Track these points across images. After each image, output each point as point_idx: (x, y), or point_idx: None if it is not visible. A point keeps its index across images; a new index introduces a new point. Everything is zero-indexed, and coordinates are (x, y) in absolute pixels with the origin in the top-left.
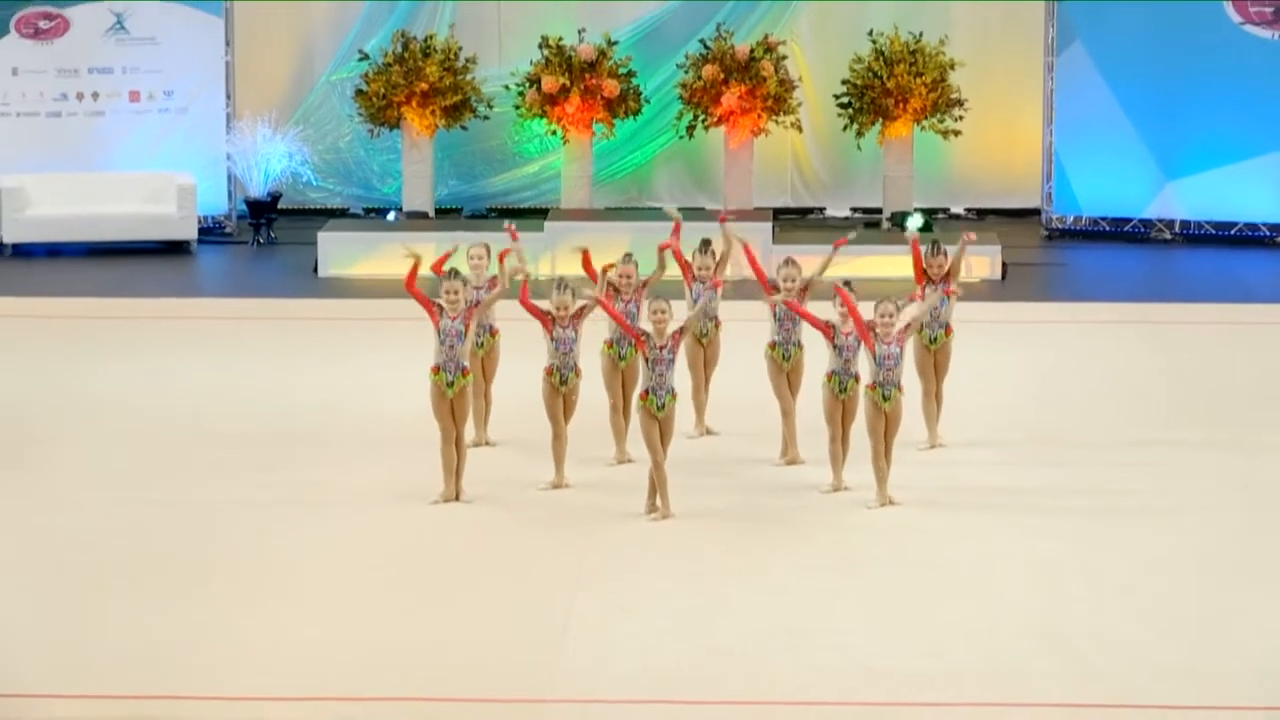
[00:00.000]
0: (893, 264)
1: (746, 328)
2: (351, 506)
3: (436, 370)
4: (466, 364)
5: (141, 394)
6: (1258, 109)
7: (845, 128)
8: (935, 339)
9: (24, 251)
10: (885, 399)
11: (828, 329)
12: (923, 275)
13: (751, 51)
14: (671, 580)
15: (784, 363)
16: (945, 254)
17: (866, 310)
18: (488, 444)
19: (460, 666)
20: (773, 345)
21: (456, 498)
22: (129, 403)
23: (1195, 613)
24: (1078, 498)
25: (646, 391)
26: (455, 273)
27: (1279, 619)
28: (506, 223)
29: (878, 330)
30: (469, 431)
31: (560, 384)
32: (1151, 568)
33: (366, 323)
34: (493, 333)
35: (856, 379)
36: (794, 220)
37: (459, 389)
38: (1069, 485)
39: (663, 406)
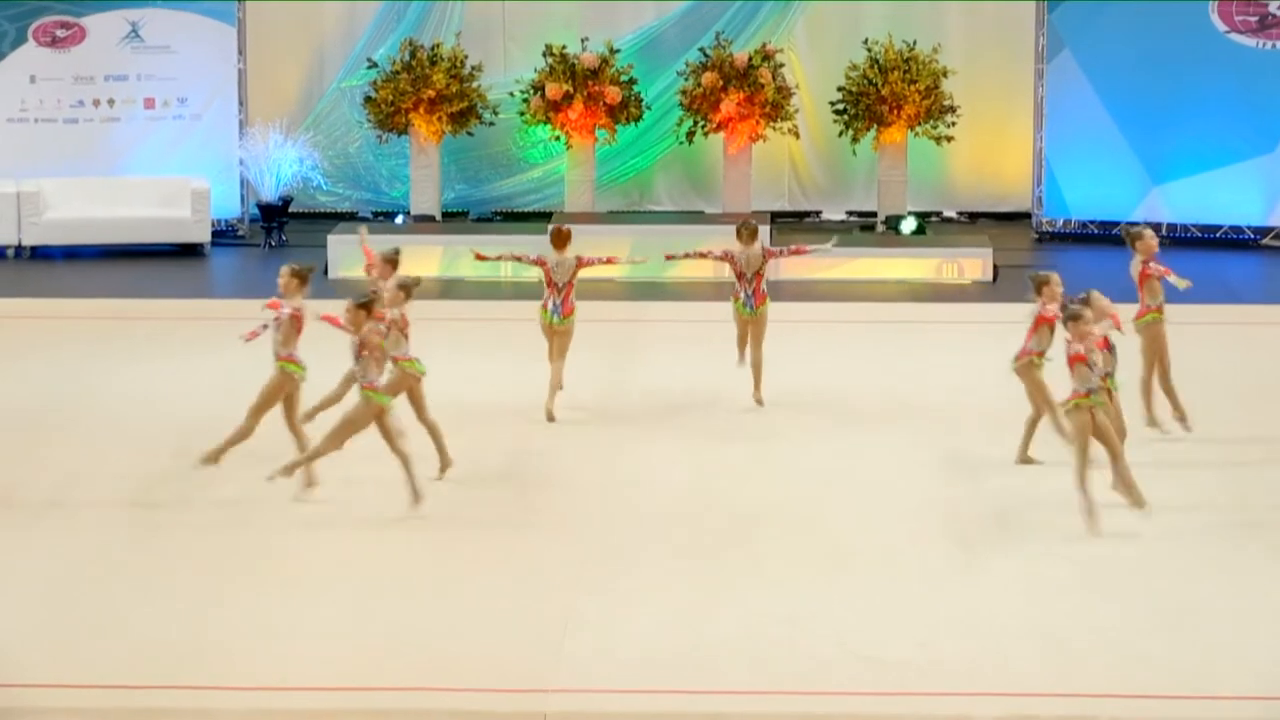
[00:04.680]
0: (887, 266)
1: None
2: (364, 501)
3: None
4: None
5: (157, 393)
6: (1242, 115)
7: (841, 133)
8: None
9: (42, 254)
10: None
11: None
12: None
13: (750, 59)
14: (670, 574)
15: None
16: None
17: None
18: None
19: (468, 657)
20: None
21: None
22: (145, 401)
23: (1174, 604)
24: (1062, 493)
25: None
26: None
27: (1254, 611)
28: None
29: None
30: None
31: None
32: (1132, 561)
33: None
34: (566, 311)
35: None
36: (791, 224)
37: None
38: (1053, 481)
39: None
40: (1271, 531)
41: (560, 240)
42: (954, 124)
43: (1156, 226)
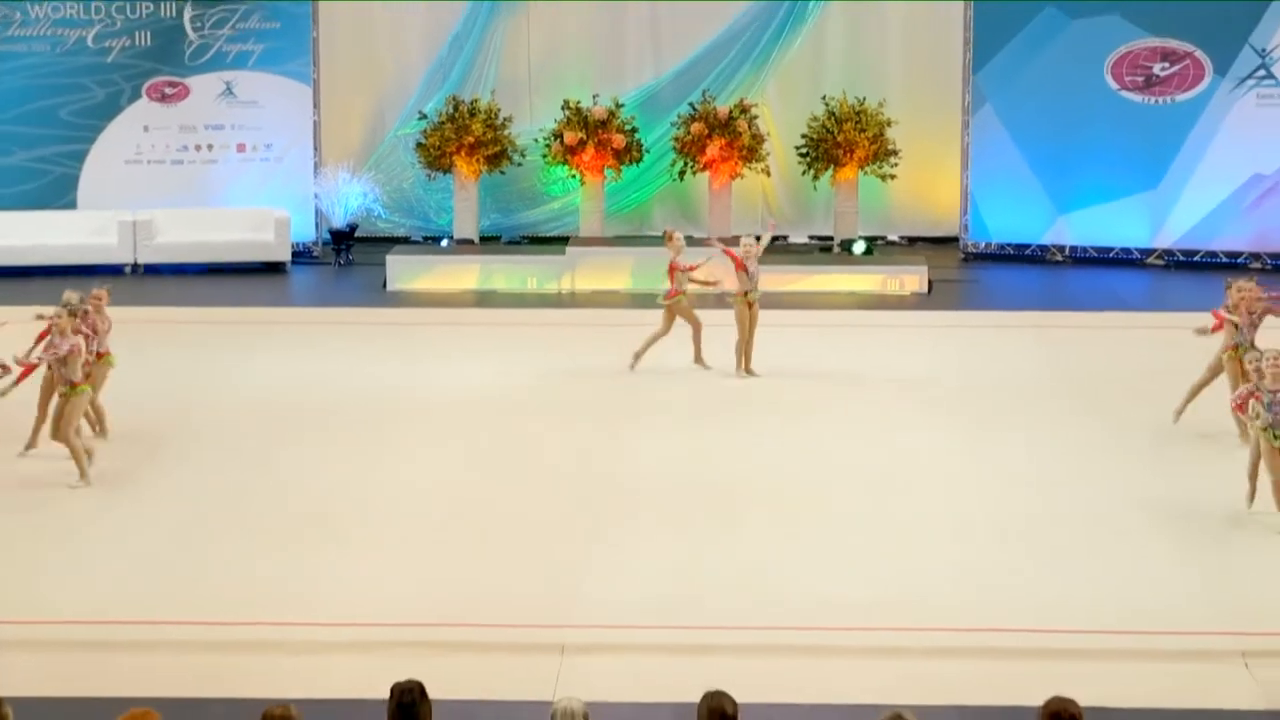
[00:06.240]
0: (841, 281)
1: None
2: (413, 469)
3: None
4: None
5: (248, 382)
6: (1130, 158)
7: (804, 172)
8: None
9: (153, 271)
10: (1276, 438)
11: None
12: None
13: (730, 112)
14: (666, 532)
15: None
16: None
17: None
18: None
19: (500, 599)
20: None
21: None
22: (239, 389)
23: (1072, 554)
24: (986, 464)
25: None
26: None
27: (1135, 560)
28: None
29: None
30: None
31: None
32: (1039, 521)
33: (425, 326)
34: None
35: None
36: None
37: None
38: (980, 454)
39: None
40: (1148, 501)
41: (667, 240)
42: (896, 165)
43: (1061, 248)
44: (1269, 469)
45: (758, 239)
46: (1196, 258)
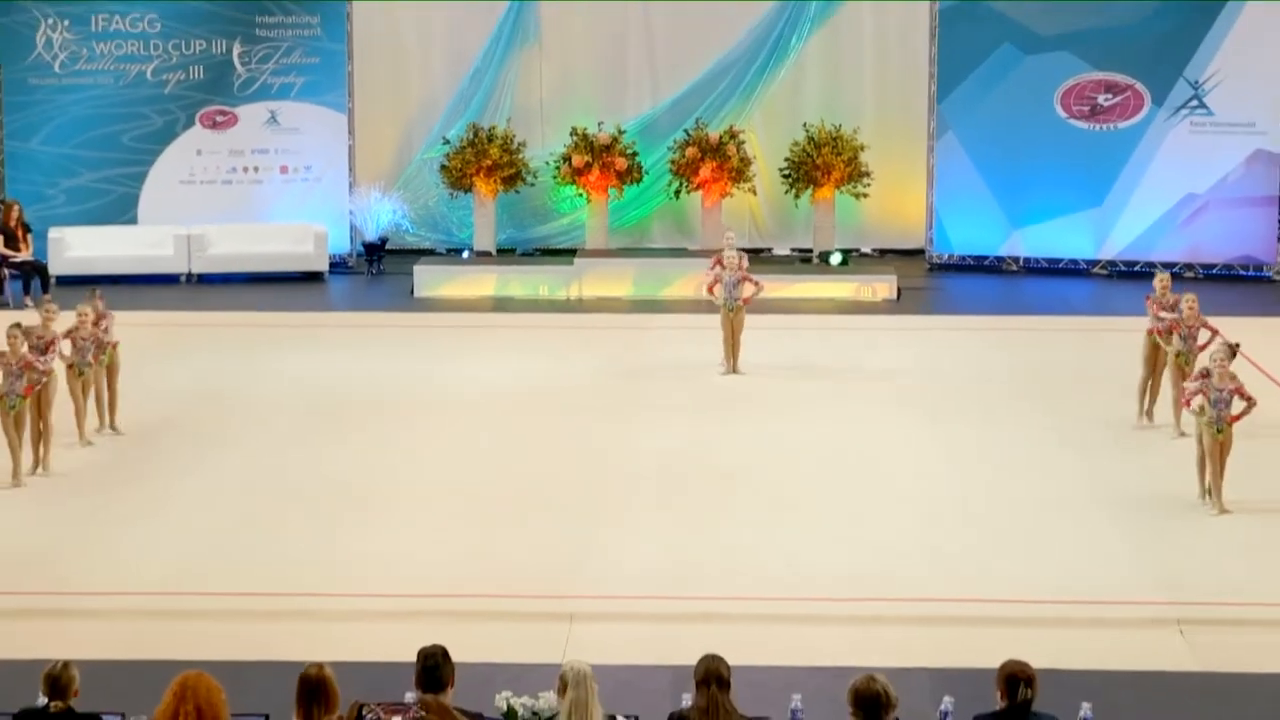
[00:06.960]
0: (820, 288)
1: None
2: (437, 457)
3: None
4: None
5: (290, 378)
6: (1078, 178)
7: (787, 191)
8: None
9: (205, 279)
10: (1219, 432)
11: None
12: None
13: (721, 138)
14: (662, 514)
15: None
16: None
17: None
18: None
19: (513, 572)
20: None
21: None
22: (282, 385)
23: (1027, 534)
24: (951, 453)
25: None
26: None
27: (1082, 538)
28: None
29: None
30: None
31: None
32: (999, 503)
33: (449, 329)
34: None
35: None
36: (750, 257)
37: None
38: (944, 443)
39: None
40: (1095, 486)
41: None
42: (868, 184)
43: (1015, 259)
44: (1210, 458)
45: (740, 251)
46: (1136, 268)
